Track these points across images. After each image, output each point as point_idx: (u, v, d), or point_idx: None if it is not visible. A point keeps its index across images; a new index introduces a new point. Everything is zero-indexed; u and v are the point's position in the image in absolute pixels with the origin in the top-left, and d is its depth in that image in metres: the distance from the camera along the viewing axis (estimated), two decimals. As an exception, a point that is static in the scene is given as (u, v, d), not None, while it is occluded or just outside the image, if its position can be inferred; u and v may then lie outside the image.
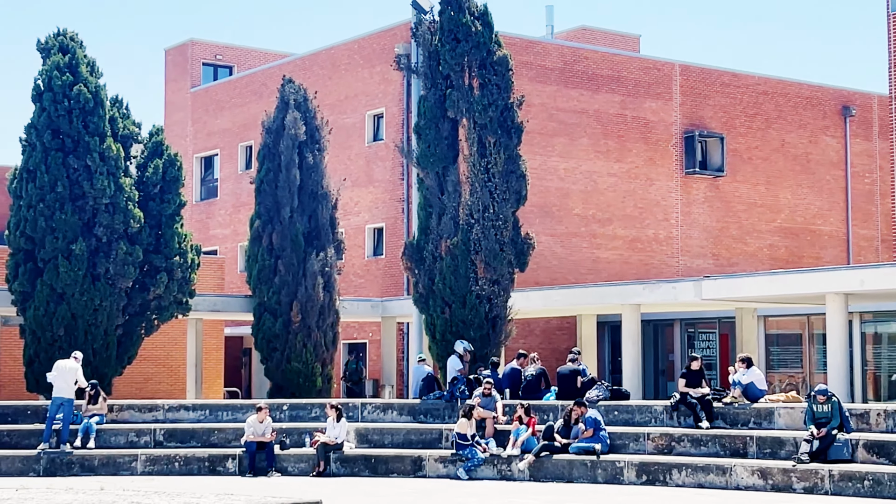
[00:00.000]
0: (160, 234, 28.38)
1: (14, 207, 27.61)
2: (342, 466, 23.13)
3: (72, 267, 26.76)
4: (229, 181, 44.85)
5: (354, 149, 39.94)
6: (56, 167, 27.04)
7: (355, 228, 39.31)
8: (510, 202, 27.40)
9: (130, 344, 28.28)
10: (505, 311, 27.53)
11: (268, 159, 30.63)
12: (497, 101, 27.35)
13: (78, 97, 27.25)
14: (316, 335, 29.96)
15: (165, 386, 35.14)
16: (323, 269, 30.19)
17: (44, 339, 26.95)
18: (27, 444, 23.61)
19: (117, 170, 27.55)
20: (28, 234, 27.15)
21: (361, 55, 40.18)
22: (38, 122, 27.28)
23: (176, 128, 46.82)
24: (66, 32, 28.32)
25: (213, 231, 44.98)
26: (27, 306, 27.26)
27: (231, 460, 23.34)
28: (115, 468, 23.14)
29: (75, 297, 26.85)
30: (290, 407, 25.59)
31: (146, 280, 28.10)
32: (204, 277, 32.61)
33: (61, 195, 26.99)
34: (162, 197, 28.58)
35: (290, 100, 30.80)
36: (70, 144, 27.26)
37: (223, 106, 45.66)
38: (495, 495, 19.70)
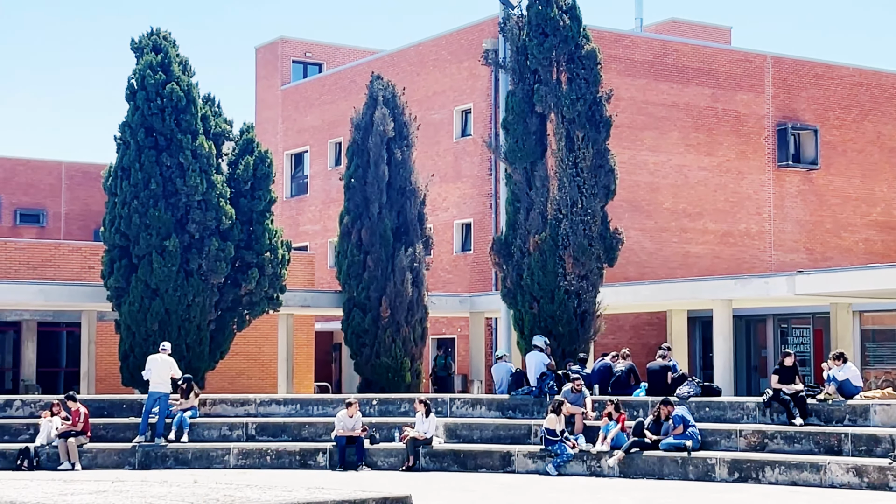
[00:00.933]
0: (251, 231, 28.70)
1: (109, 205, 28.11)
2: (431, 461, 23.19)
3: (165, 263, 27.18)
4: (319, 177, 45.20)
5: (442, 144, 39.99)
6: (150, 165, 27.47)
7: (443, 224, 39.36)
8: (599, 197, 27.22)
9: (223, 339, 28.65)
10: (594, 307, 27.38)
11: (357, 156, 30.80)
12: (585, 96, 27.19)
13: (171, 95, 27.65)
14: (405, 330, 30.07)
15: (257, 380, 35.53)
16: (411, 264, 30.29)
17: (138, 334, 27.41)
18: (123, 437, 24.03)
19: (209, 167, 27.92)
20: (123, 230, 27.62)
21: (449, 51, 40.21)
22: (132, 120, 27.74)
23: (266, 125, 47.30)
24: (159, 32, 28.75)
25: (304, 227, 45.36)
26: (122, 302, 27.75)
27: (322, 454, 23.52)
28: (208, 461, 23.45)
29: (169, 292, 27.27)
30: (379, 402, 25.71)
31: (238, 276, 28.44)
32: (294, 273, 32.91)
33: (155, 192, 27.41)
34: (253, 194, 28.90)
35: (379, 96, 30.94)
36: (163, 142, 27.67)
37: (313, 103, 46.01)
38: (585, 491, 19.60)
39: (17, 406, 25.10)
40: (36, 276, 32.62)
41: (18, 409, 25.03)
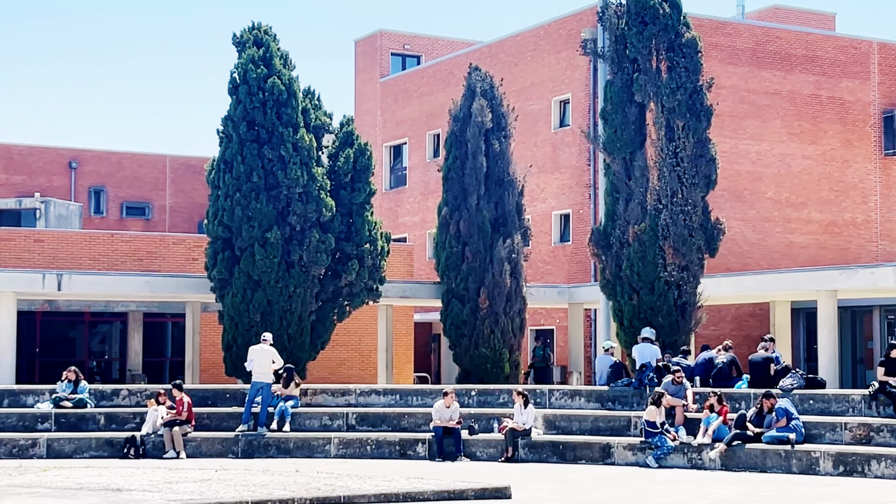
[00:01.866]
0: (351, 223, 28.93)
1: (212, 197, 28.53)
2: (530, 452, 23.16)
3: (267, 255, 27.53)
4: (418, 169, 45.37)
5: (541, 135, 39.86)
6: (251, 158, 27.83)
7: (542, 215, 39.25)
8: (699, 187, 26.92)
9: (323, 329, 28.94)
10: (694, 298, 27.08)
11: (455, 147, 30.86)
12: (685, 84, 26.89)
13: (272, 89, 27.97)
14: (503, 321, 30.06)
15: (357, 371, 35.82)
16: (510, 255, 30.27)
17: (241, 324, 27.81)
18: (226, 426, 24.39)
19: (310, 159, 28.19)
20: (225, 223, 28.03)
21: (547, 41, 40.05)
22: (235, 114, 28.12)
23: (366, 117, 47.62)
24: (261, 26, 29.09)
25: (402, 219, 45.59)
26: (225, 293, 28.17)
27: (421, 445, 23.63)
28: (309, 451, 23.71)
29: (271, 283, 27.61)
30: (478, 392, 25.75)
31: (338, 267, 28.70)
32: (393, 264, 33.10)
33: (257, 185, 27.76)
34: (353, 186, 29.12)
35: (477, 88, 30.94)
36: (265, 135, 28.01)
37: (411, 95, 46.20)
38: (686, 484, 19.42)
39: (124, 395, 25.64)
40: (142, 268, 33.28)
41: (125, 398, 25.57)
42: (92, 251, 33.34)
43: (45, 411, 24.35)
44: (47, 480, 18.12)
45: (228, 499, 15.92)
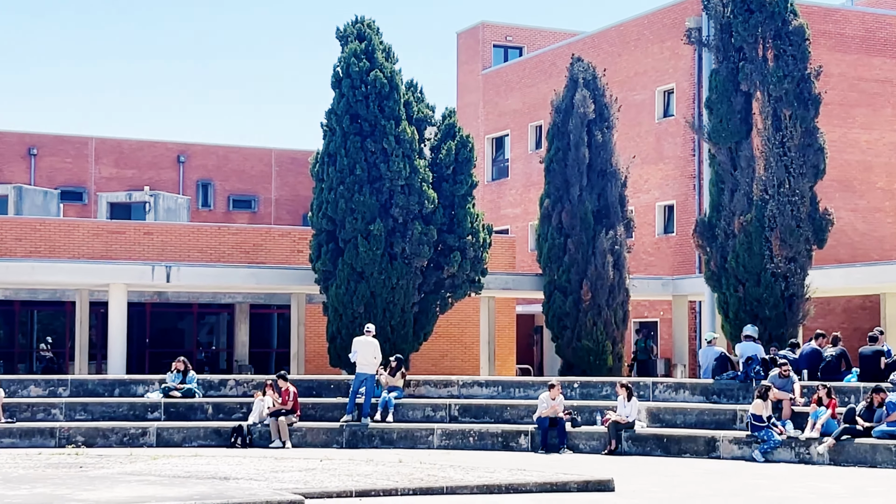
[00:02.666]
0: (453, 214, 29.00)
1: (316, 190, 28.83)
2: (634, 445, 23.00)
3: (370, 247, 27.73)
4: (520, 161, 45.30)
5: (644, 125, 39.50)
6: (355, 151, 28.05)
7: (645, 206, 38.91)
8: (807, 177, 26.44)
9: (426, 321, 29.06)
10: (802, 290, 26.62)
11: (557, 138, 30.73)
12: (793, 73, 26.42)
13: (374, 82, 28.15)
14: (606, 313, 29.88)
15: (460, 362, 35.91)
16: (612, 247, 30.06)
17: (345, 316, 28.06)
18: (330, 416, 24.64)
19: (412, 152, 28.32)
20: (329, 215, 28.30)
21: (651, 30, 39.65)
22: (338, 107, 28.36)
23: (468, 109, 47.66)
24: (363, 20, 29.29)
25: (504, 210, 45.56)
26: (329, 285, 28.45)
27: (523, 436, 23.61)
28: (412, 441, 23.84)
29: (374, 275, 27.81)
30: (580, 385, 25.64)
31: (440, 259, 28.79)
32: (496, 256, 33.10)
33: (360, 178, 27.97)
34: (455, 178, 29.18)
35: (579, 78, 30.77)
36: (367, 128, 28.20)
37: (513, 87, 46.11)
38: (793, 479, 19.10)
39: (231, 385, 26.05)
40: (248, 260, 33.76)
41: (232, 388, 25.98)
42: (199, 243, 33.93)
43: (154, 401, 24.85)
44: (157, 468, 18.49)
45: (333, 488, 16.08)
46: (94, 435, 23.33)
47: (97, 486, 13.59)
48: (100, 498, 12.54)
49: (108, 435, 23.43)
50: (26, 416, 23.93)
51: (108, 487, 13.51)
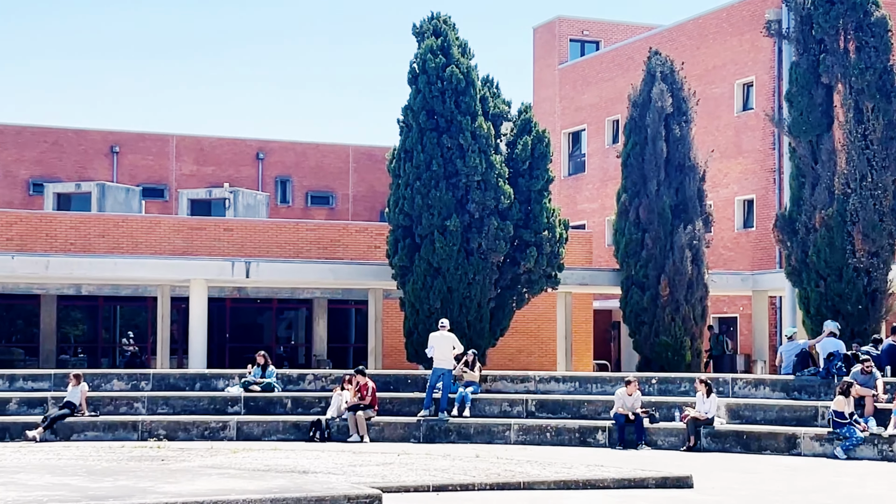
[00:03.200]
0: (529, 210, 28.95)
1: (393, 186, 28.95)
2: (713, 442, 22.79)
3: (447, 242, 27.79)
4: (596, 156, 45.09)
5: (723, 119, 39.11)
6: (431, 146, 28.12)
7: (724, 200, 38.52)
8: (890, 170, 26.01)
9: (502, 316, 29.06)
10: (885, 285, 26.19)
11: (634, 133, 30.55)
12: (875, 65, 26.01)
13: (450, 78, 28.19)
14: (684, 309, 29.65)
15: (536, 358, 35.86)
16: (691, 242, 29.82)
17: (422, 311, 28.15)
18: (408, 411, 24.74)
19: (488, 147, 28.32)
20: (406, 211, 28.41)
21: (730, 23, 39.24)
22: (414, 103, 28.45)
23: (544, 104, 47.55)
24: (439, 16, 29.34)
25: (581, 205, 45.39)
26: (406, 280, 28.56)
27: (601, 432, 23.52)
28: (489, 436, 23.85)
29: (450, 271, 27.87)
30: (658, 381, 25.46)
31: (516, 254, 28.77)
32: (572, 251, 32.98)
33: (436, 173, 28.04)
34: (531, 173, 29.14)
35: (657, 72, 30.55)
36: (444, 124, 28.25)
37: (590, 81, 45.91)
38: (876, 476, 18.80)
39: (310, 380, 26.27)
40: (326, 255, 34.00)
41: (311, 382, 26.19)
42: (278, 239, 34.24)
43: (234, 395, 25.13)
44: (237, 462, 18.70)
45: (410, 482, 16.14)
46: (176, 428, 23.67)
47: (178, 479, 13.78)
48: (181, 491, 12.72)
49: (189, 428, 23.76)
50: (109, 409, 24.34)
51: (189, 480, 13.70)
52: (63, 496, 12.18)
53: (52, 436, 22.91)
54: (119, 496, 12.23)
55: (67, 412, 23.41)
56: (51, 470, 15.02)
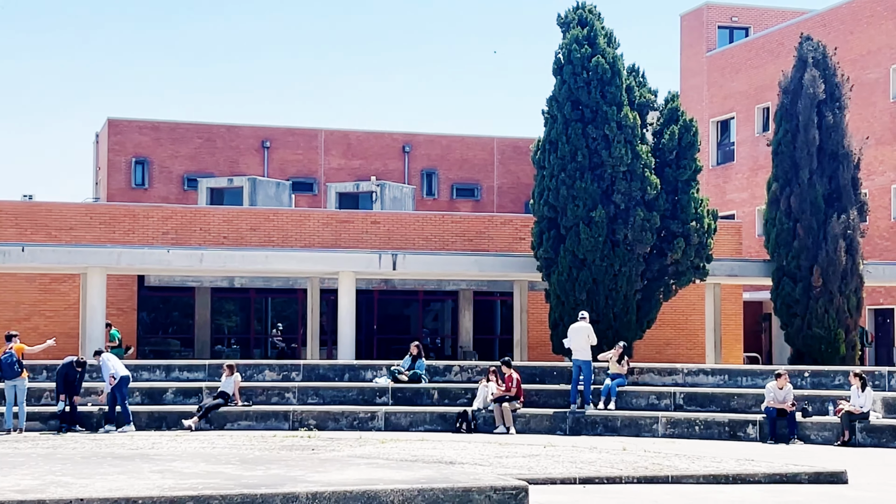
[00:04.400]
0: (676, 200, 28.57)
1: (538, 177, 28.90)
2: (868, 436, 22.18)
3: (592, 234, 27.61)
4: (746, 144, 44.25)
5: (878, 105, 37.97)
6: (576, 137, 27.97)
7: (880, 189, 37.41)
8: None
9: (649, 308, 28.76)
10: None
11: (785, 120, 29.88)
12: None
13: (596, 68, 27.99)
14: (838, 300, 28.90)
15: (685, 350, 35.40)
16: (845, 231, 29.03)
17: (567, 303, 28.05)
18: (553, 403, 24.70)
19: (634, 138, 28.04)
20: (551, 202, 28.32)
21: (885, 6, 38.06)
22: (559, 94, 28.33)
23: (692, 93, 46.85)
24: (585, 6, 29.16)
25: (730, 195, 44.61)
26: (551, 272, 28.48)
27: (751, 426, 23.11)
28: (636, 429, 23.65)
29: (596, 262, 27.70)
30: (811, 374, 24.89)
31: (663, 245, 28.43)
32: (721, 242, 32.46)
33: (581, 164, 27.88)
34: (678, 163, 28.75)
35: (808, 58, 29.82)
36: (589, 115, 28.07)
37: (739, 68, 45.07)
38: None
39: (456, 371, 26.42)
40: (471, 247, 34.13)
41: (457, 374, 26.34)
42: (424, 232, 34.50)
43: (382, 386, 25.43)
44: (385, 452, 18.93)
45: (557, 475, 16.11)
46: (326, 418, 24.06)
47: (328, 469, 14.00)
48: (330, 480, 12.93)
49: (339, 419, 24.13)
50: (261, 399, 24.88)
51: (339, 470, 13.91)
52: (217, 484, 12.49)
53: (207, 425, 23.52)
54: (271, 484, 12.49)
55: (221, 402, 24.01)
56: (205, 458, 15.41)
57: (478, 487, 12.54)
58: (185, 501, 11.79)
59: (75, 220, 33.16)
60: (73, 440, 20.81)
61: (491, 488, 12.53)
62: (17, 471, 13.41)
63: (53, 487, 12.08)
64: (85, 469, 13.64)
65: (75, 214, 33.40)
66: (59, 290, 33.30)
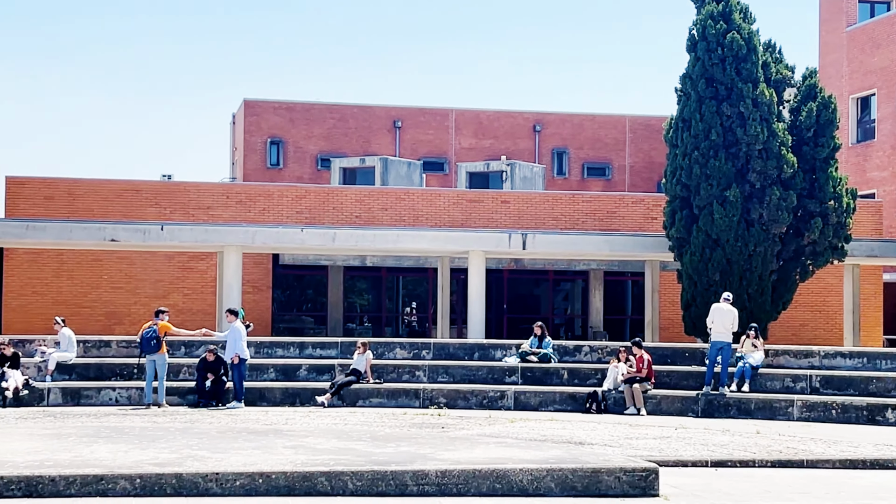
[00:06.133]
0: (814, 179, 27.92)
1: (670, 156, 28.53)
2: None
3: (726, 213, 27.17)
4: (888, 121, 42.98)
5: None
6: (710, 115, 27.51)
7: None
8: None
9: (785, 290, 28.19)
10: None
11: (929, 96, 28.93)
12: None
13: (731, 44, 27.48)
14: (984, 282, 27.93)
15: (822, 332, 34.65)
16: None
17: (700, 283, 27.66)
18: (685, 384, 24.40)
19: (770, 115, 27.46)
20: (684, 181, 27.94)
21: None
22: (693, 71, 27.89)
23: (830, 69, 45.67)
24: (719, -19, 28.62)
25: (871, 174, 43.40)
26: (684, 252, 28.12)
27: (891, 410, 22.48)
28: (770, 412, 23.22)
29: (730, 242, 27.25)
30: (955, 358, 24.11)
31: (800, 225, 27.82)
32: (860, 222, 31.66)
33: (715, 143, 27.43)
34: (815, 140, 28.07)
35: (954, 31, 28.80)
36: (723, 92, 27.58)
37: (880, 43, 43.76)
38: None
39: (586, 352, 26.29)
40: (602, 227, 33.90)
41: (586, 354, 26.21)
42: (554, 211, 34.38)
43: (512, 365, 25.45)
44: (514, 431, 18.95)
45: (688, 457, 15.93)
46: (455, 397, 24.18)
47: (457, 447, 14.09)
48: (459, 458, 13.00)
49: (469, 397, 24.23)
50: (392, 377, 25.11)
51: (468, 448, 13.98)
52: (349, 460, 12.66)
53: (339, 402, 23.85)
54: (401, 461, 12.62)
55: (353, 379, 24.31)
56: (337, 434, 15.64)
57: (607, 468, 12.50)
58: (316, 477, 12.01)
59: (213, 200, 33.90)
60: (210, 415, 21.31)
61: (620, 469, 12.48)
62: (155, 444, 13.80)
63: (190, 461, 12.40)
64: (221, 444, 13.97)
65: (213, 194, 34.14)
66: (196, 268, 34.12)
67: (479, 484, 12.19)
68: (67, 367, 24.42)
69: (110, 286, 33.73)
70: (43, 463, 12.09)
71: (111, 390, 23.63)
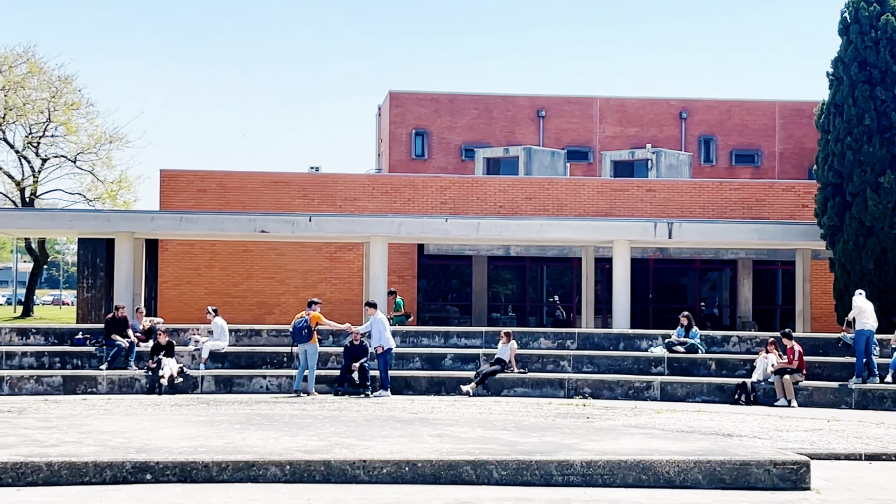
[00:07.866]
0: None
1: (822, 142, 27.87)
2: None
3: (880, 200, 26.43)
4: None
5: None
6: (863, 100, 26.79)
7: None
8: None
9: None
10: None
11: None
12: None
13: (885, 27, 26.71)
14: None
15: (982, 323, 33.41)
16: None
17: (853, 272, 26.96)
18: (838, 376, 23.82)
19: (927, 98, 26.61)
20: (836, 168, 27.27)
21: None
22: (845, 55, 27.19)
23: None
24: (872, -38, 27.82)
25: None
26: (836, 240, 27.45)
27: None
28: (927, 405, 22.51)
29: (884, 230, 26.50)
30: None
31: (959, 212, 26.89)
32: None
33: (869, 128, 26.70)
34: (976, 124, 27.07)
35: None
36: (877, 76, 26.82)
37: None
38: None
39: (734, 342, 25.86)
40: (750, 215, 33.29)
41: (735, 344, 25.78)
42: (701, 199, 33.88)
43: (658, 355, 25.20)
44: (660, 422, 18.76)
45: (840, 450, 15.56)
46: (600, 387, 24.06)
47: (602, 438, 14.01)
48: (605, 449, 12.93)
49: (614, 388, 24.07)
50: (537, 367, 25.10)
51: (613, 439, 13.89)
52: (493, 450, 12.71)
53: (484, 391, 23.94)
54: (546, 451, 12.61)
55: (498, 368, 24.38)
56: (482, 424, 15.70)
57: (756, 461, 12.28)
58: (462, 466, 12.08)
59: (359, 191, 34.36)
60: (357, 403, 21.62)
61: (770, 462, 12.24)
62: (304, 432, 14.07)
63: (338, 449, 12.61)
64: (367, 432, 14.16)
65: (359, 185, 34.60)
66: (343, 259, 34.65)
67: (625, 475, 12.11)
68: (220, 356, 25.06)
69: (261, 276, 34.49)
70: (196, 449, 12.43)
71: (262, 378, 24.17)
